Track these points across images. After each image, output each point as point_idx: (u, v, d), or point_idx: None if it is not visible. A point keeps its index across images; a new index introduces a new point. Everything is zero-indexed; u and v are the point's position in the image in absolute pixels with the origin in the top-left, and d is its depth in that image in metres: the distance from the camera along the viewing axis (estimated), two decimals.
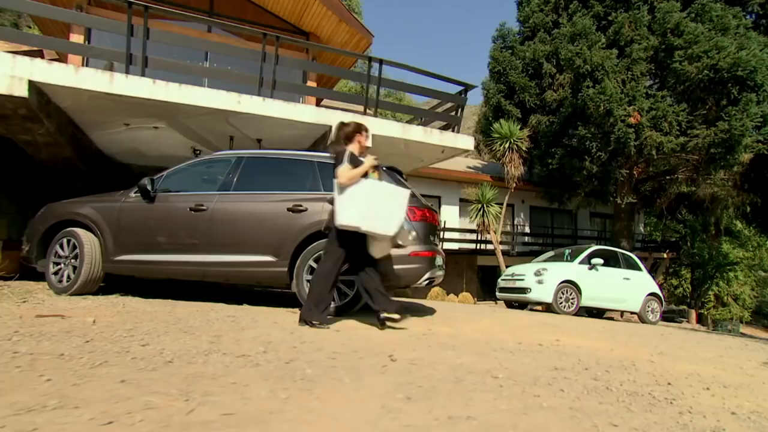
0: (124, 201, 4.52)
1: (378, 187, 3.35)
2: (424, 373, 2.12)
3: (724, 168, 11.47)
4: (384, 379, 1.96)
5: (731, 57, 9.83)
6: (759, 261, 22.26)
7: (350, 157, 3.31)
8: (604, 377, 2.34)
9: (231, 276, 4.35)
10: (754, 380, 2.74)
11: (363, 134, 3.55)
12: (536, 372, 2.33)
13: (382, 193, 3.33)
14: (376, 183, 3.37)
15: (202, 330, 2.97)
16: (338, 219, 3.19)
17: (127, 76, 5.19)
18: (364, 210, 3.19)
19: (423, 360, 2.45)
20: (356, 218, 3.17)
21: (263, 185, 4.47)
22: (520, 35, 14.81)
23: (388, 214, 3.28)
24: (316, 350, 2.53)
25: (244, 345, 2.57)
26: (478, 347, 3.02)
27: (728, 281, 20.51)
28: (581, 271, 8.34)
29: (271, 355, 2.30)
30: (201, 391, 1.55)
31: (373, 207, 3.23)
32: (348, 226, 3.19)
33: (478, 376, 2.12)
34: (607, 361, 2.91)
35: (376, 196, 3.28)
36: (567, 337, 4.20)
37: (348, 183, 3.22)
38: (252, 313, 3.92)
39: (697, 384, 2.41)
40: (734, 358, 3.81)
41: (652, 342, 4.46)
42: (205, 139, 7.14)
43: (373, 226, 3.21)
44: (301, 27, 9.40)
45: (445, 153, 7.57)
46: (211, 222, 4.27)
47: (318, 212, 4.13)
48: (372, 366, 2.20)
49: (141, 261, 4.37)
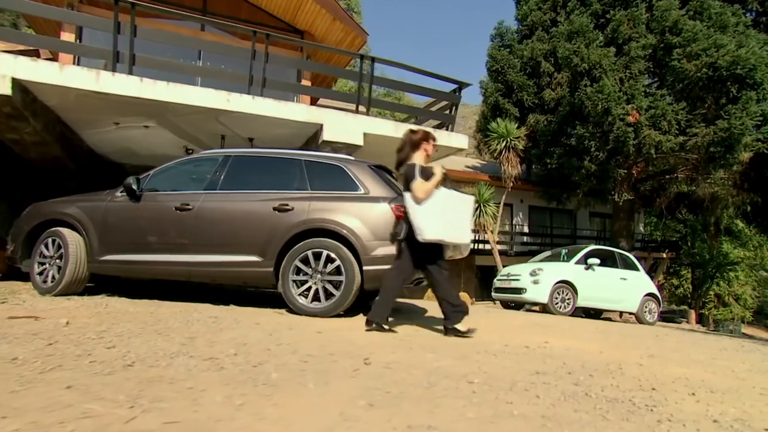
0: (110, 200, 4.47)
1: (450, 196, 3.38)
2: (396, 378, 2.04)
3: (723, 167, 11.35)
4: (352, 383, 1.89)
5: (730, 55, 9.71)
6: (760, 261, 22.10)
7: (421, 171, 3.30)
8: (586, 382, 2.26)
9: (217, 276, 4.29)
10: (744, 384, 2.65)
11: (430, 142, 3.52)
12: (515, 376, 2.25)
13: (455, 201, 3.39)
14: (449, 192, 3.38)
15: (179, 331, 2.91)
16: (424, 234, 3.19)
17: (114, 74, 5.13)
18: (445, 221, 3.26)
19: (400, 363, 2.37)
20: (441, 232, 3.23)
21: (250, 184, 4.42)
22: (519, 34, 14.72)
23: (462, 222, 3.38)
24: (290, 353, 2.46)
25: (217, 347, 2.50)
26: (462, 350, 2.95)
27: (729, 281, 20.35)
28: (577, 271, 8.25)
29: (240, 358, 2.23)
30: (152, 396, 1.48)
31: (450, 217, 3.30)
32: (433, 240, 3.23)
33: (453, 381, 2.05)
34: (594, 364, 2.83)
35: (451, 205, 3.34)
36: (557, 338, 4.12)
37: (425, 198, 3.23)
38: (236, 313, 3.85)
39: (683, 389, 2.33)
40: (727, 361, 3.72)
41: (645, 344, 4.37)
42: (196, 138, 7.08)
43: (454, 237, 3.30)
44: (295, 25, 9.33)
45: (439, 152, 7.47)
46: (197, 221, 4.22)
47: (304, 211, 4.08)
48: (344, 370, 2.13)
49: (126, 261, 4.32)
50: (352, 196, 4.20)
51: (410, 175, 3.29)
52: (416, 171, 3.28)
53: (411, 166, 3.34)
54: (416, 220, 3.23)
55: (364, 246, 3.96)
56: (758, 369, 3.40)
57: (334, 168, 4.42)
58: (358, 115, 6.55)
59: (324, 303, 3.92)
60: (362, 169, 4.40)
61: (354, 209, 4.09)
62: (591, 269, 8.34)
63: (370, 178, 4.35)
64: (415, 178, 3.25)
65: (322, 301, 3.91)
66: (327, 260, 3.91)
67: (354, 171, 4.36)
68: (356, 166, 4.41)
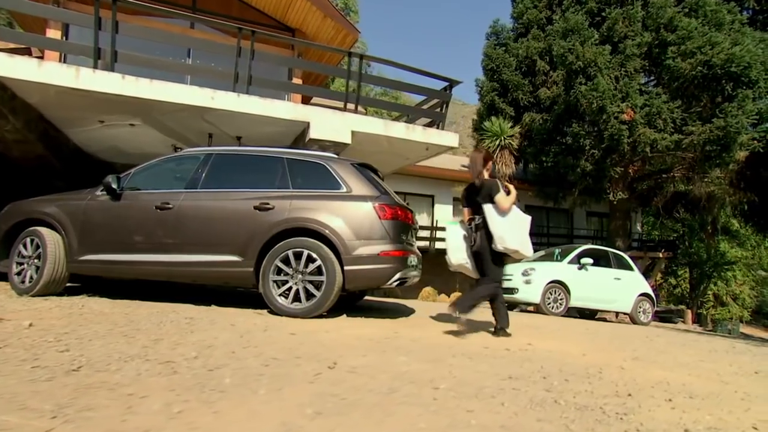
0: (89, 199, 4.39)
1: (519, 214, 3.77)
2: (357, 383, 1.96)
3: (719, 166, 11.24)
4: (307, 389, 1.80)
5: (725, 53, 9.61)
6: (758, 260, 21.99)
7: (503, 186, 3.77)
8: (559, 388, 2.17)
9: (197, 276, 4.21)
10: (726, 389, 2.57)
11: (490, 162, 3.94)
12: (486, 381, 2.16)
13: (520, 218, 3.76)
14: (517, 210, 3.75)
15: (147, 333, 2.83)
16: (506, 243, 3.57)
17: (95, 71, 5.04)
18: (519, 234, 3.67)
19: (367, 367, 2.29)
20: (518, 243, 3.62)
21: (231, 183, 4.35)
22: (514, 32, 14.60)
23: (527, 236, 3.75)
24: (254, 356, 2.38)
25: (179, 350, 2.42)
26: (438, 353, 2.86)
27: (726, 281, 20.26)
28: (570, 270, 8.16)
29: (199, 362, 2.15)
30: (82, 405, 1.40)
31: (522, 231, 3.71)
32: (511, 249, 3.61)
33: (417, 387, 1.96)
34: (573, 368, 2.75)
35: (519, 221, 3.73)
36: (542, 340, 4.03)
37: (509, 210, 3.66)
38: (215, 314, 3.77)
39: (661, 394, 2.24)
40: (715, 363, 3.64)
41: (632, 345, 4.29)
42: (184, 137, 6.99)
43: (524, 249, 3.70)
44: (286, 23, 9.23)
45: (430, 150, 7.40)
46: (177, 221, 4.15)
47: (285, 210, 4.00)
48: (304, 374, 2.04)
49: (106, 261, 4.24)
50: (334, 194, 4.13)
51: (494, 189, 3.66)
52: (500, 185, 3.71)
53: (493, 182, 3.73)
54: (498, 231, 3.59)
55: (345, 245, 3.89)
56: (745, 372, 3.31)
57: (316, 166, 4.35)
58: (346, 113, 6.45)
59: (304, 303, 3.85)
60: (345, 167, 4.32)
61: (336, 208, 4.02)
62: (584, 269, 8.25)
63: (354, 176, 4.28)
64: (500, 192, 3.66)
65: (302, 301, 3.85)
66: (308, 260, 3.85)
67: (337, 169, 4.28)
68: (339, 164, 4.34)
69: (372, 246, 3.97)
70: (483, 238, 3.67)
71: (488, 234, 3.64)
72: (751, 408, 2.13)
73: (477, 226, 3.72)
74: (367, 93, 26.23)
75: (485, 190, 3.68)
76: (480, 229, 3.69)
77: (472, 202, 3.86)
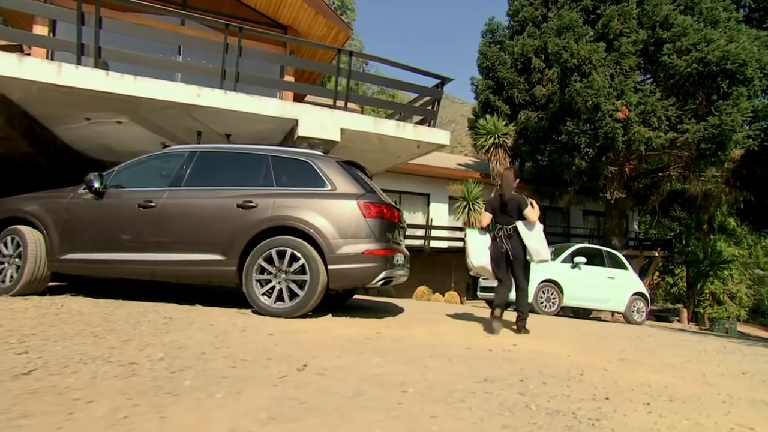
0: (72, 197, 4.33)
1: (539, 225, 4.15)
2: (324, 386, 1.90)
3: (714, 164, 11.18)
4: (268, 392, 1.74)
5: (720, 50, 9.54)
6: (755, 259, 21.95)
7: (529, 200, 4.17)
8: (535, 391, 2.11)
9: (180, 275, 4.16)
10: (709, 391, 2.51)
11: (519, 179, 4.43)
12: (458, 385, 2.10)
13: (541, 228, 4.14)
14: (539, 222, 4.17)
15: (120, 333, 2.76)
16: (542, 256, 4.08)
17: (78, 67, 4.96)
18: (546, 244, 4.11)
19: (338, 369, 2.23)
20: (547, 253, 4.12)
21: (215, 180, 4.31)
22: (510, 30, 14.52)
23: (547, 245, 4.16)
24: (224, 357, 2.32)
25: (147, 351, 2.36)
26: (417, 354, 2.80)
27: (723, 280, 20.22)
28: (563, 269, 8.10)
29: (164, 363, 2.09)
30: (20, 411, 1.33)
31: (545, 241, 4.12)
32: (544, 260, 4.16)
33: (385, 390, 1.90)
34: (554, 369, 2.68)
35: (542, 232, 4.12)
36: (529, 340, 3.97)
37: (535, 222, 4.07)
38: (198, 314, 3.71)
39: (641, 398, 2.18)
40: (702, 364, 3.58)
41: (621, 346, 4.23)
42: (172, 134, 6.91)
43: (549, 257, 4.19)
44: (278, 20, 9.15)
45: (421, 148, 7.32)
46: (160, 219, 4.10)
47: (268, 208, 3.95)
48: (270, 377, 1.98)
49: (88, 260, 4.19)
50: (318, 192, 4.09)
51: (523, 204, 4.05)
52: (528, 200, 4.11)
53: (522, 197, 4.12)
54: (533, 245, 4.04)
55: (329, 244, 3.85)
56: (732, 372, 3.25)
57: (301, 163, 4.30)
58: (335, 110, 6.38)
59: (288, 303, 3.81)
60: (330, 164, 4.27)
61: (320, 206, 3.97)
62: (577, 268, 8.19)
63: (339, 174, 4.22)
64: (528, 206, 4.04)
65: (285, 301, 3.82)
66: (291, 259, 3.81)
67: (321, 166, 4.23)
68: (324, 161, 4.29)
69: (356, 245, 3.92)
70: (517, 247, 4.08)
71: (522, 245, 4.07)
72: (731, 411, 2.07)
73: (509, 235, 4.10)
74: (365, 92, 26.14)
75: (514, 204, 4.09)
76: (512, 239, 4.09)
77: (498, 212, 4.23)
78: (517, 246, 4.07)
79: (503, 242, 4.13)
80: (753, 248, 22.18)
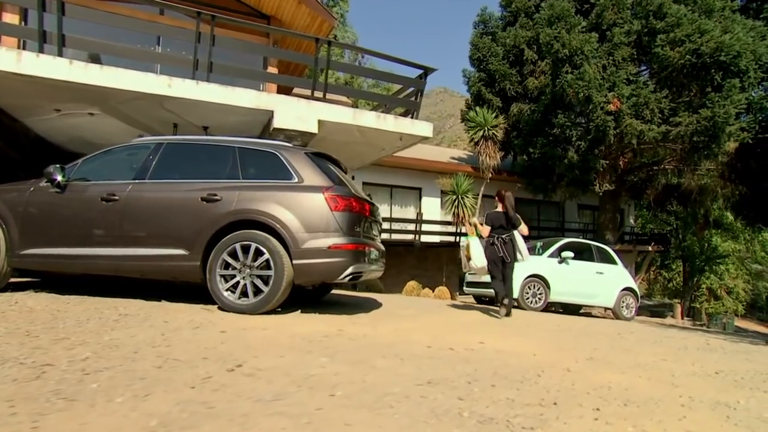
0: (32, 191, 4.18)
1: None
2: (245, 388, 1.76)
3: (707, 157, 10.98)
4: (179, 396, 1.61)
5: (714, 41, 9.30)
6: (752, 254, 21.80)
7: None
8: (478, 395, 1.97)
9: (144, 270, 4.03)
10: (672, 393, 2.37)
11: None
12: (396, 387, 1.96)
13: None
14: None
15: (57, 332, 2.63)
16: (527, 258, 5.40)
17: (39, 56, 4.79)
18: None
19: (274, 369, 2.10)
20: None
21: (180, 173, 4.18)
22: (503, 21, 14.27)
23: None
24: (156, 356, 2.20)
25: (75, 350, 2.23)
26: (368, 353, 2.67)
27: (720, 275, 20.10)
28: (550, 264, 7.96)
29: (82, 365, 1.96)
30: None
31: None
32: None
33: (310, 394, 1.76)
34: (511, 370, 2.55)
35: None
36: (500, 338, 3.84)
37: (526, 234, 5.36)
38: (159, 310, 3.58)
39: (593, 402, 2.04)
40: (677, 362, 3.44)
41: (597, 344, 4.09)
42: (148, 126, 6.74)
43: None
44: (261, 10, 8.93)
45: (404, 140, 7.15)
46: (123, 213, 3.97)
47: (232, 201, 3.83)
48: (192, 378, 1.85)
49: (49, 255, 4.04)
50: (283, 185, 3.96)
51: (519, 220, 5.24)
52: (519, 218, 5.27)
53: (517, 216, 5.26)
54: (523, 250, 5.25)
55: (294, 238, 3.74)
56: (705, 372, 3.12)
57: (267, 155, 4.17)
58: (312, 101, 6.20)
59: (252, 299, 3.72)
60: (298, 156, 4.13)
61: (285, 199, 3.85)
62: (565, 263, 8.04)
63: (306, 165, 4.09)
64: (521, 222, 5.25)
65: (250, 296, 3.72)
66: (256, 253, 3.69)
67: (289, 158, 4.10)
68: (292, 153, 4.15)
69: (322, 239, 3.80)
70: (511, 252, 5.17)
71: (514, 251, 5.17)
72: (686, 416, 1.94)
73: (506, 242, 5.16)
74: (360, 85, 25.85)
75: (514, 220, 5.20)
76: (507, 245, 5.15)
77: (496, 225, 5.26)
78: (511, 251, 5.18)
79: (501, 248, 5.14)
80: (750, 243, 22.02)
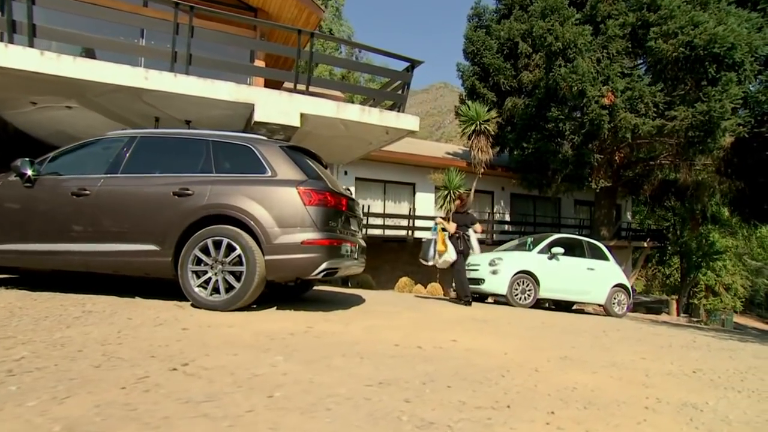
0: (1, 185, 4.09)
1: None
2: (179, 389, 1.67)
3: (703, 152, 10.83)
4: (101, 398, 1.53)
5: (707, 33, 9.12)
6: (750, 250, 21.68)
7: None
8: (428, 397, 1.87)
9: (115, 266, 3.95)
10: (639, 395, 2.27)
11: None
12: (342, 389, 1.86)
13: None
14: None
15: (8, 331, 2.54)
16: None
17: (7, 46, 4.68)
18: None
19: (221, 369, 2.00)
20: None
21: (153, 167, 4.11)
22: (497, 14, 14.08)
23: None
24: (100, 355, 2.12)
25: (14, 350, 2.15)
26: (328, 352, 2.57)
27: (717, 271, 19.97)
28: (540, 260, 7.85)
29: (11, 365, 1.86)
30: None
31: None
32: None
33: (247, 395, 1.67)
34: (474, 370, 2.45)
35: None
36: (475, 336, 3.75)
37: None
38: (127, 307, 3.49)
39: (550, 405, 1.94)
40: (655, 361, 3.35)
41: (577, 342, 4.00)
42: (128, 120, 6.63)
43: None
44: (247, 2, 8.79)
45: (390, 134, 7.03)
46: (94, 208, 3.90)
47: (204, 196, 3.75)
48: (127, 378, 1.76)
49: (18, 251, 3.97)
50: (256, 179, 3.88)
51: (473, 219, 6.47)
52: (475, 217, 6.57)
53: (471, 214, 6.56)
54: (476, 245, 6.38)
55: (266, 233, 3.66)
56: (681, 371, 3.02)
57: (241, 149, 4.09)
58: (295, 94, 6.08)
59: (224, 295, 3.65)
60: (272, 149, 4.04)
61: (257, 193, 3.77)
62: (555, 259, 7.93)
63: (281, 159, 4.00)
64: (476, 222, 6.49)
65: (221, 293, 3.64)
66: (228, 249, 3.62)
67: (263, 152, 4.01)
68: (266, 146, 4.07)
69: (295, 234, 3.72)
70: (467, 246, 6.16)
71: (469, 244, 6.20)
72: (646, 419, 1.84)
73: (467, 238, 6.15)
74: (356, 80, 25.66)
75: (470, 218, 6.37)
76: (467, 240, 6.15)
77: (462, 223, 6.19)
78: (467, 245, 6.16)
79: (462, 243, 6.09)
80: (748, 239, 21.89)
